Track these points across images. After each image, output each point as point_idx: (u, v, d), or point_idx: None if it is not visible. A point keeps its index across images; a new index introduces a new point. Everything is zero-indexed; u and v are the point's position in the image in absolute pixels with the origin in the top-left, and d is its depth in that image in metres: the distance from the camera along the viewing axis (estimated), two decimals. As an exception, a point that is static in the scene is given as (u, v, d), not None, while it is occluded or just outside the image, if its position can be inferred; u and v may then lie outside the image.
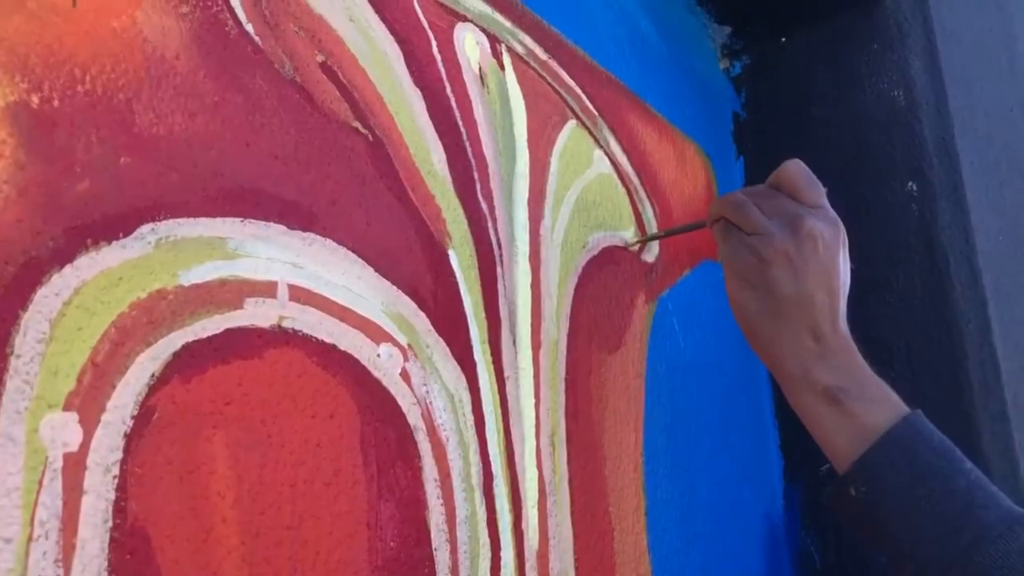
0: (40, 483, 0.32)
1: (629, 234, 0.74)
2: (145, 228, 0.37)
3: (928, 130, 0.95)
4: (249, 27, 0.44)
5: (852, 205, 0.97)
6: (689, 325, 0.83)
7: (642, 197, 0.79)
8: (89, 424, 0.34)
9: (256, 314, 0.41)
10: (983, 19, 1.21)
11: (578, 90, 0.73)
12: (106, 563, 0.33)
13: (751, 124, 1.08)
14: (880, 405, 0.57)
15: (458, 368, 0.53)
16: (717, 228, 0.63)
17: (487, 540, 0.52)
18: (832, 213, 0.61)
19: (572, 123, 0.71)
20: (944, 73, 1.00)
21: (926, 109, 0.96)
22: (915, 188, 0.94)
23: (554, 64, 0.70)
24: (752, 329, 0.60)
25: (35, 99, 0.34)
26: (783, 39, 1.07)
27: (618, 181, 0.76)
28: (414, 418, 0.49)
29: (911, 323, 0.92)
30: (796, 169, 0.61)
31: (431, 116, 0.55)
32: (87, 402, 0.34)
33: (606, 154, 0.75)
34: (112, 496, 0.34)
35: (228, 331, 0.40)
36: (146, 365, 0.36)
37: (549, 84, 0.69)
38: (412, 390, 0.49)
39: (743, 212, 0.60)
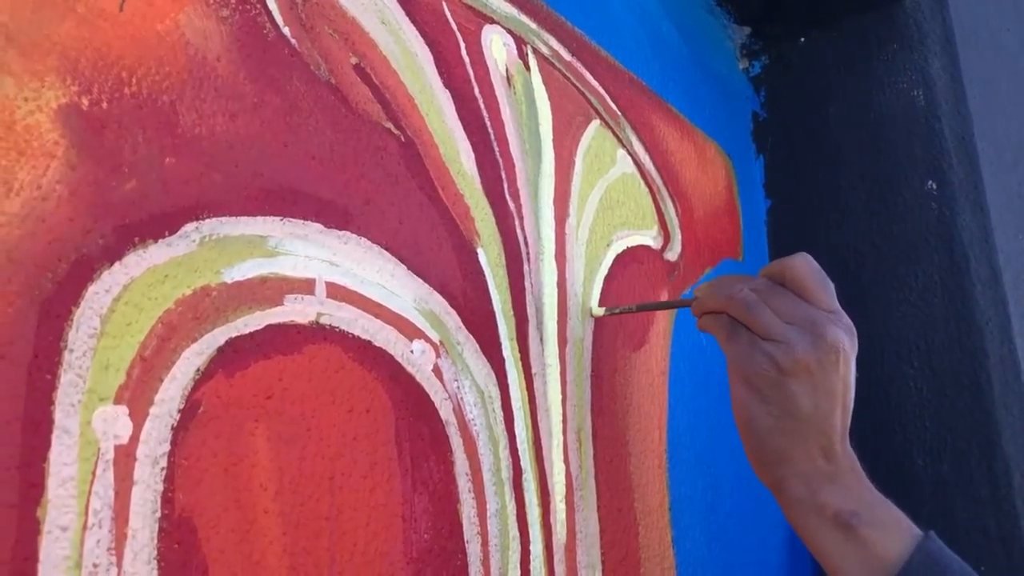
0: (93, 474, 0.33)
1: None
2: (189, 227, 0.38)
3: (948, 129, 0.95)
4: (286, 30, 0.45)
5: (872, 204, 0.98)
6: (710, 323, 0.84)
7: (664, 196, 0.80)
8: (138, 417, 0.35)
9: (295, 311, 0.42)
10: (1001, 19, 1.21)
11: (601, 90, 0.73)
12: (155, 552, 0.34)
13: (770, 123, 1.09)
14: (892, 530, 0.53)
15: (488, 364, 0.54)
16: (717, 322, 0.57)
17: (517, 533, 0.53)
18: (847, 319, 0.55)
19: (596, 123, 0.71)
20: (963, 73, 1.00)
21: (945, 108, 0.97)
22: (935, 187, 0.94)
23: (578, 65, 0.71)
24: (758, 444, 0.55)
25: (85, 101, 0.35)
26: (802, 39, 1.07)
27: (641, 180, 0.77)
28: (446, 413, 0.50)
29: (931, 321, 0.92)
30: (805, 267, 0.55)
31: (460, 117, 0.56)
32: (136, 396, 0.35)
33: (629, 153, 0.76)
34: (160, 487, 0.35)
35: (269, 327, 0.41)
36: (192, 360, 0.37)
37: (573, 84, 0.70)
38: (444, 386, 0.50)
39: (756, 314, 0.54)
